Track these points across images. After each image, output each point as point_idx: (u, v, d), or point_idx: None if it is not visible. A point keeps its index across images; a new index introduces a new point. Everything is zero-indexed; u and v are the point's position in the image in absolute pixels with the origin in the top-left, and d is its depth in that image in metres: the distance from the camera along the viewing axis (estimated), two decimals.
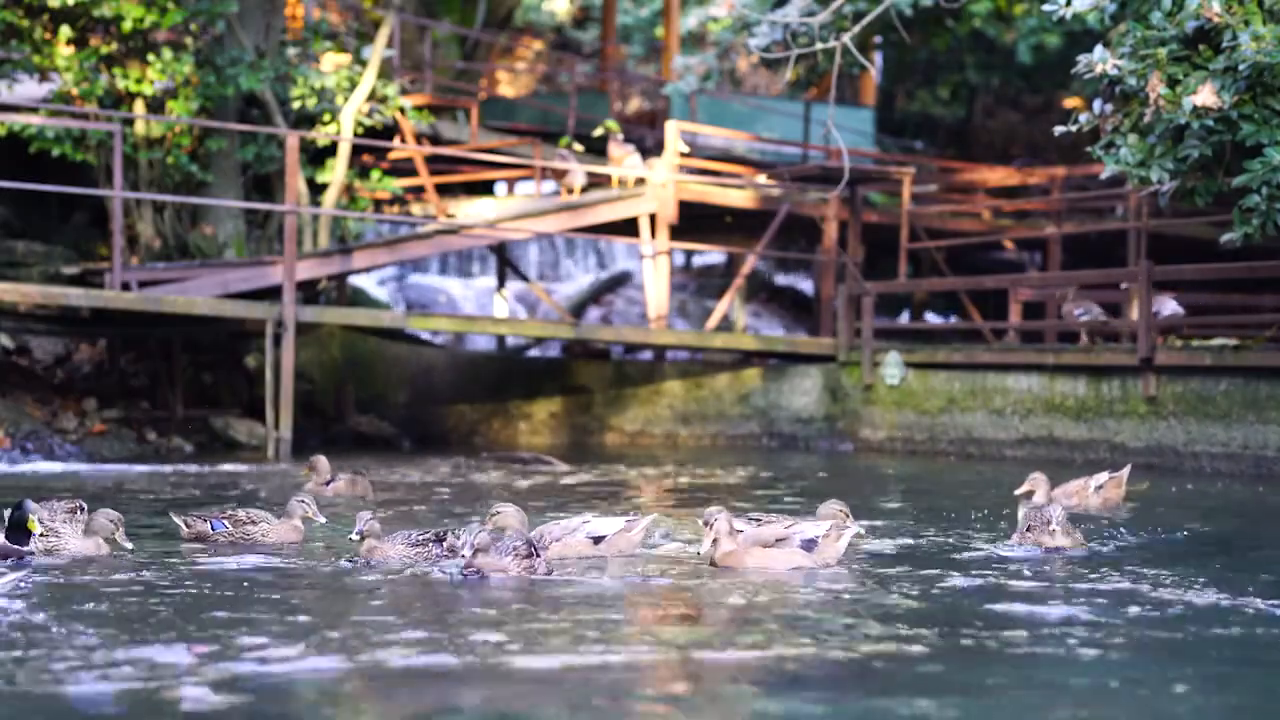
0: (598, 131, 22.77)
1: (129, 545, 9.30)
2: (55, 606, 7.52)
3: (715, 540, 8.97)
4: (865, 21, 16.41)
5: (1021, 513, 10.04)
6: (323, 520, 10.13)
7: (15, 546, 8.95)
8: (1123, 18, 14.43)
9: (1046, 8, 13.50)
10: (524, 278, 23.30)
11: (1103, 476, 12.77)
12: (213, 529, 9.92)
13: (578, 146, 23.07)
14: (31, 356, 19.54)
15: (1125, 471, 12.86)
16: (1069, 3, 13.25)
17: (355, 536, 9.21)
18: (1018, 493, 12.49)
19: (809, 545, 9.06)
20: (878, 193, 26.06)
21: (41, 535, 9.10)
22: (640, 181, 21.34)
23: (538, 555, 8.76)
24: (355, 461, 16.41)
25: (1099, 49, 13.01)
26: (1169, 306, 16.97)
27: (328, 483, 13.16)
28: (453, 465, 16.63)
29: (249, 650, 6.55)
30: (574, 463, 17.04)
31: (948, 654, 6.73)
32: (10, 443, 16.74)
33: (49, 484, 14.07)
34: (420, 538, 9.31)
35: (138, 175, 19.82)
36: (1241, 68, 12.22)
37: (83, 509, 9.91)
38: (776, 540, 9.12)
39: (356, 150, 22.19)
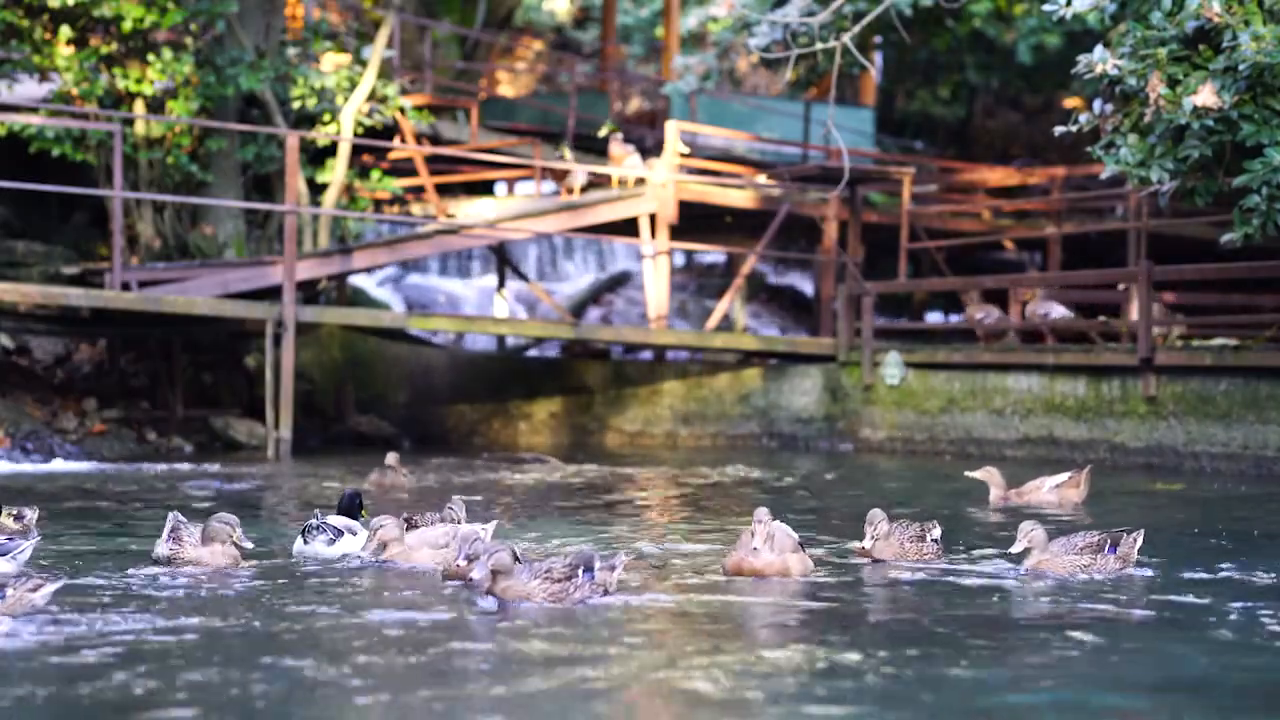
0: (603, 131, 22.75)
1: (249, 544, 9.10)
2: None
3: (754, 543, 8.50)
4: (865, 21, 16.41)
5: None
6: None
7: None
8: (1123, 18, 14.43)
9: (1046, 8, 13.49)
10: (524, 278, 23.29)
11: (1061, 476, 12.82)
12: None
13: (568, 154, 22.97)
14: (31, 356, 19.54)
15: (1085, 472, 12.90)
16: (1069, 3, 13.25)
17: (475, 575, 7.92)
18: (969, 474, 12.65)
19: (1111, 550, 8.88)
20: (878, 193, 26.05)
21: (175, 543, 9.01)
22: (640, 181, 21.34)
23: (580, 577, 7.79)
24: (355, 462, 16.45)
25: (1099, 49, 13.00)
26: (1056, 310, 17.94)
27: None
28: (534, 463, 16.49)
29: None
30: (574, 463, 17.03)
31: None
32: (10, 443, 16.74)
33: (48, 484, 14.08)
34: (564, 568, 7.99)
35: (138, 175, 19.82)
36: (1241, 68, 12.22)
37: (19, 516, 9.85)
38: (1096, 546, 8.90)
39: (356, 150, 22.19)
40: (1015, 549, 8.98)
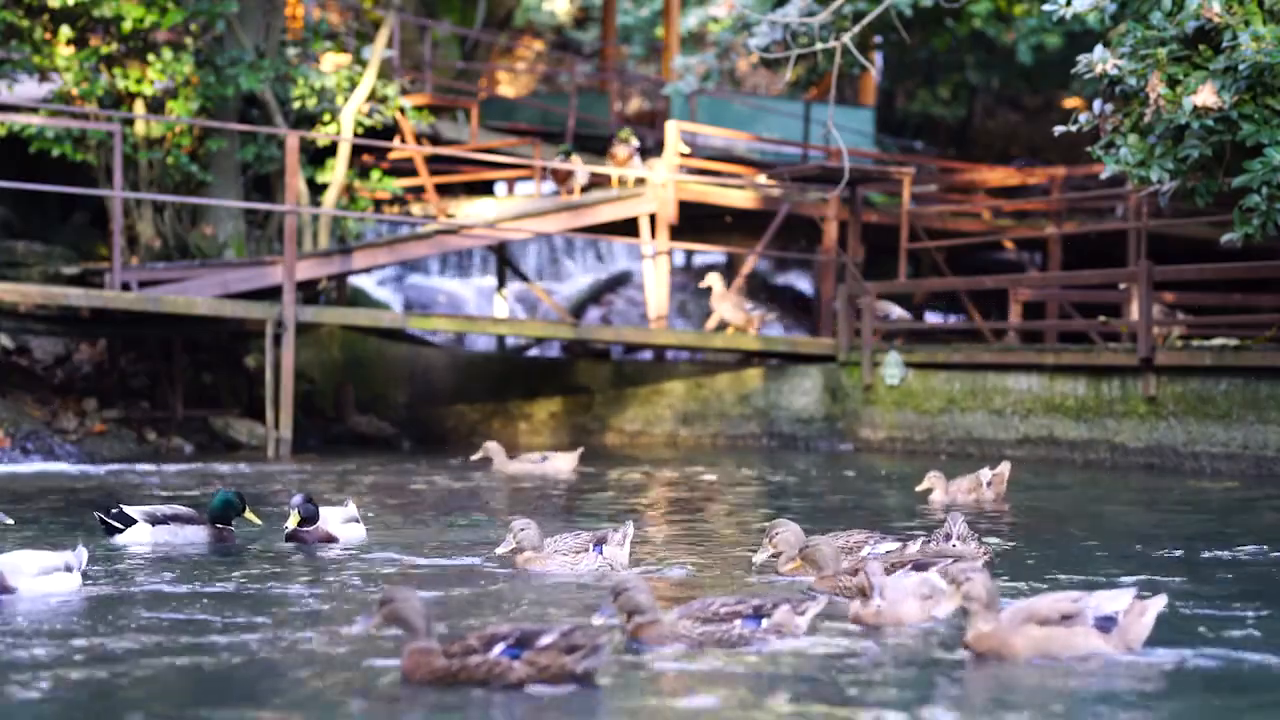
0: (610, 163, 22.69)
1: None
2: None
3: (970, 610, 6.50)
4: (865, 21, 16.39)
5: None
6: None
7: None
8: (1123, 18, 14.41)
9: (1046, 8, 13.49)
10: (524, 278, 23.29)
11: (987, 473, 12.93)
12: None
13: (576, 158, 22.77)
14: (31, 356, 19.54)
15: (1005, 467, 13.05)
16: (1069, 3, 13.24)
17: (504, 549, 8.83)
18: (919, 489, 12.66)
19: (1105, 624, 6.51)
20: (878, 193, 26.04)
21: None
22: (640, 181, 21.33)
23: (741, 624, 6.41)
24: (354, 461, 16.45)
25: (1099, 49, 12.99)
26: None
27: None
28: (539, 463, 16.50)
29: None
30: (585, 464, 17.01)
31: None
32: (10, 443, 16.74)
33: (48, 484, 14.08)
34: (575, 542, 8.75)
35: (138, 175, 19.82)
36: (1241, 68, 12.21)
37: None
38: (1062, 616, 6.49)
39: (356, 150, 22.18)
40: (943, 612, 6.79)
